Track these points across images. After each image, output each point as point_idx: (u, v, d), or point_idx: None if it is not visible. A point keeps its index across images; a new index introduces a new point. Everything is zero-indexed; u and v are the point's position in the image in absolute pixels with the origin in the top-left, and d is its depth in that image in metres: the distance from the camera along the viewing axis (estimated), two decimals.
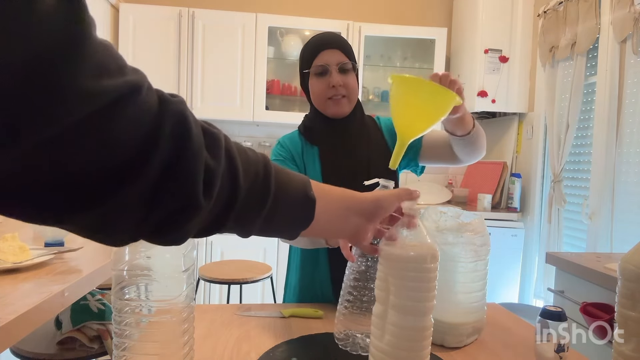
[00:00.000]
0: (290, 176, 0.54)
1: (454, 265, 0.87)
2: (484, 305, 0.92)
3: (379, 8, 3.38)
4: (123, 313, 0.63)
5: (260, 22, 3.02)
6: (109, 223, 0.37)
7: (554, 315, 0.76)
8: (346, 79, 1.13)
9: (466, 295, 0.88)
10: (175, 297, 0.64)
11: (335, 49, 1.12)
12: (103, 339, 1.39)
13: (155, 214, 0.38)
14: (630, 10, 2.04)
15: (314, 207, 0.55)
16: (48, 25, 0.28)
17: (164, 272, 0.63)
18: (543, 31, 2.72)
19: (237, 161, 0.46)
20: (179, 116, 0.39)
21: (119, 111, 0.34)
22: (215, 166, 0.42)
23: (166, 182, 0.38)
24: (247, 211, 0.48)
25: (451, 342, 0.88)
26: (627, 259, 0.69)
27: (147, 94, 0.37)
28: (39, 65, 0.28)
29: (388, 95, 3.33)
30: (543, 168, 2.87)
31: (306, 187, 0.55)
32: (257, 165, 0.49)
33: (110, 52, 0.34)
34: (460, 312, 0.88)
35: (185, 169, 0.39)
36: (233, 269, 2.19)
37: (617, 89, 2.20)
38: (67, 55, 0.29)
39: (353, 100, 1.16)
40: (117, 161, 0.34)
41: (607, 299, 1.33)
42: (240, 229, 0.51)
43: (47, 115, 0.29)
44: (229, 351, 0.83)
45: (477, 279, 0.90)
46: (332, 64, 1.12)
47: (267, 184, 0.50)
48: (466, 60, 3.12)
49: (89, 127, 0.32)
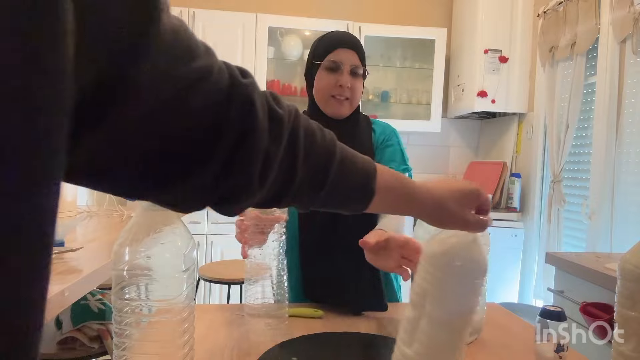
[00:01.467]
0: (356, 165, 0.53)
1: None
2: (483, 305, 0.92)
3: (379, 8, 3.38)
4: (123, 313, 0.63)
5: (260, 22, 3.02)
6: (181, 197, 0.41)
7: (553, 315, 0.76)
8: (354, 83, 1.13)
9: None
10: (175, 297, 0.64)
11: (351, 50, 1.12)
12: (103, 338, 1.39)
13: (219, 190, 0.42)
14: (630, 10, 2.04)
15: (370, 200, 0.54)
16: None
17: (164, 272, 0.63)
18: (543, 31, 2.72)
19: (299, 148, 0.47)
20: (246, 102, 0.41)
21: (186, 100, 0.35)
22: (275, 152, 0.44)
23: (230, 163, 0.40)
24: (302, 195, 0.50)
25: None
26: (627, 259, 0.69)
27: (216, 77, 0.38)
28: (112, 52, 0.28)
29: (387, 95, 3.34)
30: (543, 168, 2.87)
31: (368, 178, 0.54)
32: (321, 153, 0.50)
33: (180, 36, 0.35)
34: None
35: (245, 156, 0.41)
36: (233, 269, 2.19)
37: (617, 89, 2.20)
38: (135, 43, 0.30)
39: (354, 105, 1.16)
40: (189, 146, 0.37)
41: (607, 299, 1.33)
42: (298, 206, 0.53)
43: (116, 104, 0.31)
44: (229, 351, 0.83)
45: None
46: (345, 64, 1.11)
47: (326, 173, 0.50)
48: (466, 60, 3.12)
49: (157, 118, 0.34)
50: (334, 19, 3.11)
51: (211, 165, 0.39)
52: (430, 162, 3.45)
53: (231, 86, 0.40)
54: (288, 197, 0.49)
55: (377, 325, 0.98)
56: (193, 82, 0.35)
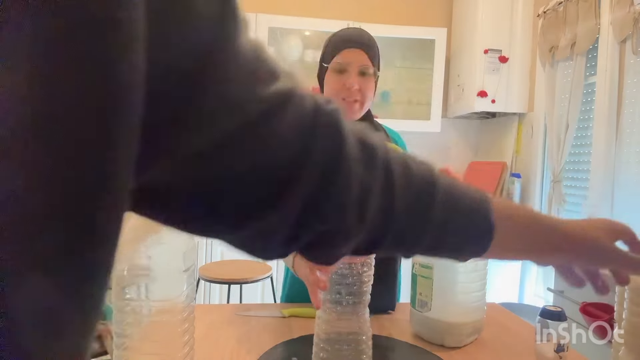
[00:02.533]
0: (464, 196, 0.44)
1: (453, 265, 0.87)
2: (483, 305, 0.92)
3: (379, 8, 3.38)
4: (123, 313, 0.63)
5: (260, 22, 3.02)
6: (260, 242, 0.36)
7: (553, 315, 0.76)
8: (364, 83, 1.07)
9: (466, 296, 0.89)
10: (175, 297, 0.64)
11: (359, 50, 1.07)
12: (103, 338, 1.39)
13: (306, 235, 0.36)
14: (629, 10, 2.04)
15: (490, 238, 0.44)
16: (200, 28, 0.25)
17: (165, 272, 0.63)
18: (543, 31, 2.72)
19: (396, 180, 0.39)
20: (332, 129, 0.35)
21: (267, 126, 0.31)
22: (370, 185, 0.37)
23: (316, 203, 0.34)
24: (405, 237, 0.42)
25: (451, 342, 0.88)
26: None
27: (299, 102, 0.34)
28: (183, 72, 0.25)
29: (388, 95, 3.34)
30: (543, 168, 2.87)
31: (486, 209, 0.44)
32: (420, 185, 0.41)
33: (260, 56, 0.31)
34: (460, 311, 0.88)
35: (336, 190, 0.35)
36: (233, 269, 2.19)
37: (617, 89, 2.20)
38: (209, 63, 0.26)
39: (365, 107, 1.11)
40: (266, 181, 0.32)
41: (607, 298, 1.33)
42: (399, 252, 0.45)
43: (189, 128, 0.27)
44: (229, 351, 0.83)
45: (477, 279, 0.90)
46: (352, 65, 1.06)
47: (430, 207, 0.41)
48: (466, 60, 3.12)
49: (233, 143, 0.29)
50: (334, 19, 3.11)
51: (293, 200, 0.33)
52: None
53: (316, 111, 0.35)
54: (389, 235, 0.40)
55: (379, 326, 0.98)
56: (276, 105, 0.31)
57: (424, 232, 0.42)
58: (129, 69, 0.20)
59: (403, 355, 0.87)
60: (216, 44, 0.27)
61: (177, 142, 0.27)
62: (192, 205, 0.31)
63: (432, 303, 0.89)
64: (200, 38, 0.25)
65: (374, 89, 1.12)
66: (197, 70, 0.26)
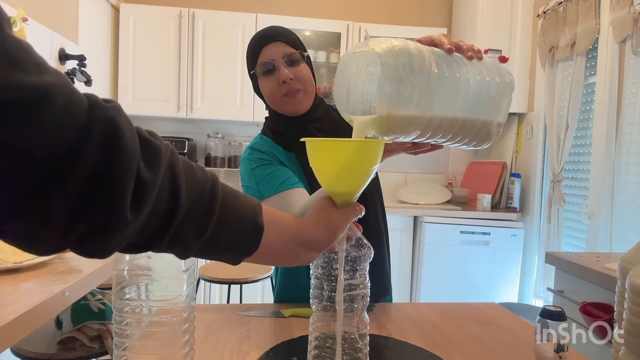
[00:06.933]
0: (240, 199, 0.51)
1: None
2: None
3: (379, 8, 3.38)
4: (123, 313, 0.63)
5: (260, 22, 3.02)
6: (34, 233, 0.35)
7: (553, 315, 0.76)
8: (297, 71, 1.03)
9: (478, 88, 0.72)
10: (175, 297, 0.64)
11: (277, 42, 1.03)
12: (103, 338, 1.39)
13: (79, 225, 0.36)
14: (629, 10, 2.04)
15: (260, 236, 0.51)
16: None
17: (165, 272, 0.63)
18: (543, 31, 2.73)
19: (181, 179, 0.43)
20: (108, 123, 0.36)
21: (33, 116, 0.31)
22: (151, 179, 0.39)
23: (91, 192, 0.35)
24: (185, 233, 0.45)
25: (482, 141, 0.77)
26: (627, 259, 0.69)
27: (70, 99, 0.34)
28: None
29: None
30: (543, 168, 2.88)
31: (255, 214, 0.51)
32: (204, 185, 0.46)
33: (27, 50, 0.32)
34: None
35: (111, 180, 0.36)
36: (233, 269, 2.19)
37: (617, 89, 2.20)
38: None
39: (311, 93, 1.06)
40: (34, 170, 0.32)
41: (607, 298, 1.34)
42: (176, 251, 0.47)
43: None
44: (229, 351, 0.83)
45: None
46: (277, 58, 1.02)
47: (212, 207, 0.46)
48: None
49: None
50: (334, 19, 3.12)
51: (67, 190, 0.34)
52: (430, 163, 3.45)
53: (91, 109, 0.35)
54: (168, 233, 0.43)
55: (378, 326, 0.98)
56: (40, 95, 0.31)
57: (205, 229, 0.46)
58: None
59: (402, 355, 0.87)
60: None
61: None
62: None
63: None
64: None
65: (311, 72, 1.07)
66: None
